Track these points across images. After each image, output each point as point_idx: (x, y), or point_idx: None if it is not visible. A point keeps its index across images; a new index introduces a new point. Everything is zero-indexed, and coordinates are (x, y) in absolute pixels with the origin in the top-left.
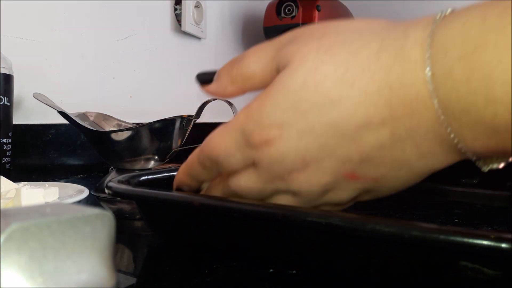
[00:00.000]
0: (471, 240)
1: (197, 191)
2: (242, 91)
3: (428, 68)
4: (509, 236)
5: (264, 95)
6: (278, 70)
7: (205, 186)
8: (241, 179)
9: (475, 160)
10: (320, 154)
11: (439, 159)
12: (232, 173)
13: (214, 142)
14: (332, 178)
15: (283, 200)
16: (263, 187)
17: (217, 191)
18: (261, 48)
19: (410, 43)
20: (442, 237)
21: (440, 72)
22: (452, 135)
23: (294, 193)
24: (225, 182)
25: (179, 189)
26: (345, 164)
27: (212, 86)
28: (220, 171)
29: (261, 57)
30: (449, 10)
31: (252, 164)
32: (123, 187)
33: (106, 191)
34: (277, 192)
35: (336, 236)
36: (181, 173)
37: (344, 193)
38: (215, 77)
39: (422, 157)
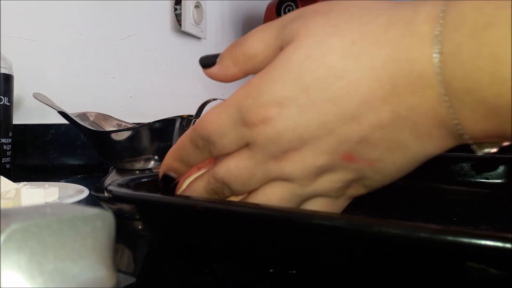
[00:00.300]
0: (477, 241)
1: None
2: (245, 73)
3: (436, 45)
4: None
5: (265, 71)
6: (282, 48)
7: (187, 182)
8: (231, 162)
9: (471, 143)
10: (318, 132)
11: (435, 143)
12: (222, 157)
13: (208, 119)
14: (328, 159)
15: (273, 189)
16: (254, 171)
17: (202, 182)
18: (264, 27)
19: (421, 19)
20: (449, 238)
21: (449, 49)
22: (452, 116)
23: (285, 179)
24: (211, 169)
25: (166, 176)
26: (343, 144)
27: (214, 69)
28: (212, 152)
29: (264, 35)
30: None
31: (246, 146)
32: (123, 190)
33: (106, 194)
34: (267, 178)
35: (341, 237)
36: (170, 157)
37: (338, 176)
38: (218, 59)
39: (418, 139)
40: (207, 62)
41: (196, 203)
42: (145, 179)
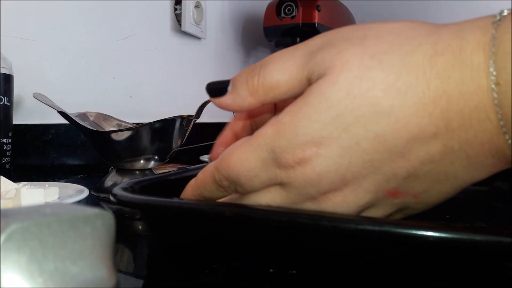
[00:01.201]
0: None
1: None
2: (263, 103)
3: (493, 77)
4: None
5: (297, 108)
6: (310, 79)
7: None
8: (261, 200)
9: None
10: (363, 171)
11: (486, 170)
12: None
13: (235, 161)
14: (372, 197)
15: None
16: None
17: None
18: (285, 54)
19: (470, 48)
20: (490, 238)
21: (507, 81)
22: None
23: None
24: (238, 200)
25: None
26: (389, 181)
27: (227, 99)
28: (239, 192)
29: (287, 65)
30: (506, 11)
31: (278, 184)
32: (129, 195)
33: (112, 198)
34: None
35: (344, 238)
36: (190, 194)
37: (380, 211)
38: (230, 87)
39: (470, 169)
40: (216, 90)
41: (226, 210)
42: (149, 182)
